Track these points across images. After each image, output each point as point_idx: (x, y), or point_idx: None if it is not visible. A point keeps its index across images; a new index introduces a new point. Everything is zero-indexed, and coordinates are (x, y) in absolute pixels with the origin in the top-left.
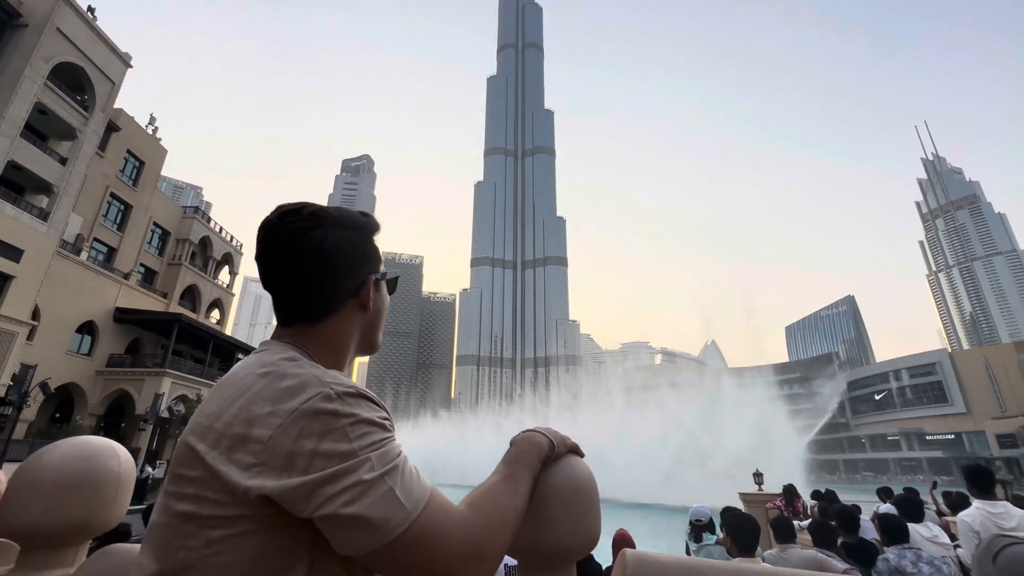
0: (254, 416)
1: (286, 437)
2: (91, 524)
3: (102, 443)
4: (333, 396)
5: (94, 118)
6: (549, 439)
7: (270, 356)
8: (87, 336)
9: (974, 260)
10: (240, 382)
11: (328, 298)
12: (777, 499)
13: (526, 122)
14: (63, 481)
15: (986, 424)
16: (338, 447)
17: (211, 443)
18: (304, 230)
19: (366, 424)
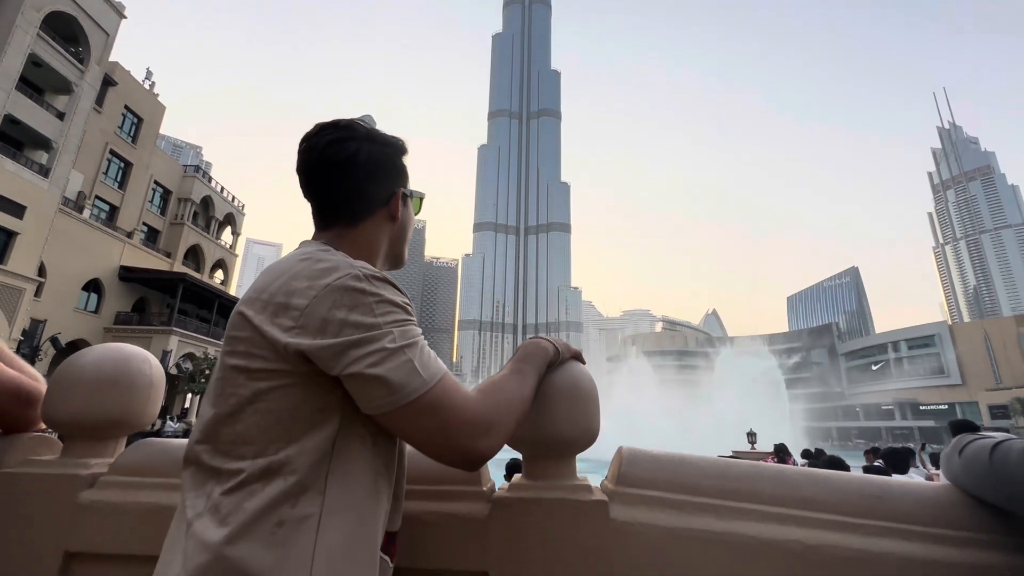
0: (294, 289)
1: (320, 306)
2: (127, 419)
3: (134, 349)
4: (361, 276)
5: (90, 71)
6: (555, 345)
7: (308, 248)
8: (94, 294)
9: (982, 233)
10: (283, 265)
11: (361, 204)
12: (769, 457)
13: (532, 83)
14: (102, 378)
15: (980, 395)
16: (364, 319)
17: (258, 309)
18: (340, 140)
19: (389, 304)
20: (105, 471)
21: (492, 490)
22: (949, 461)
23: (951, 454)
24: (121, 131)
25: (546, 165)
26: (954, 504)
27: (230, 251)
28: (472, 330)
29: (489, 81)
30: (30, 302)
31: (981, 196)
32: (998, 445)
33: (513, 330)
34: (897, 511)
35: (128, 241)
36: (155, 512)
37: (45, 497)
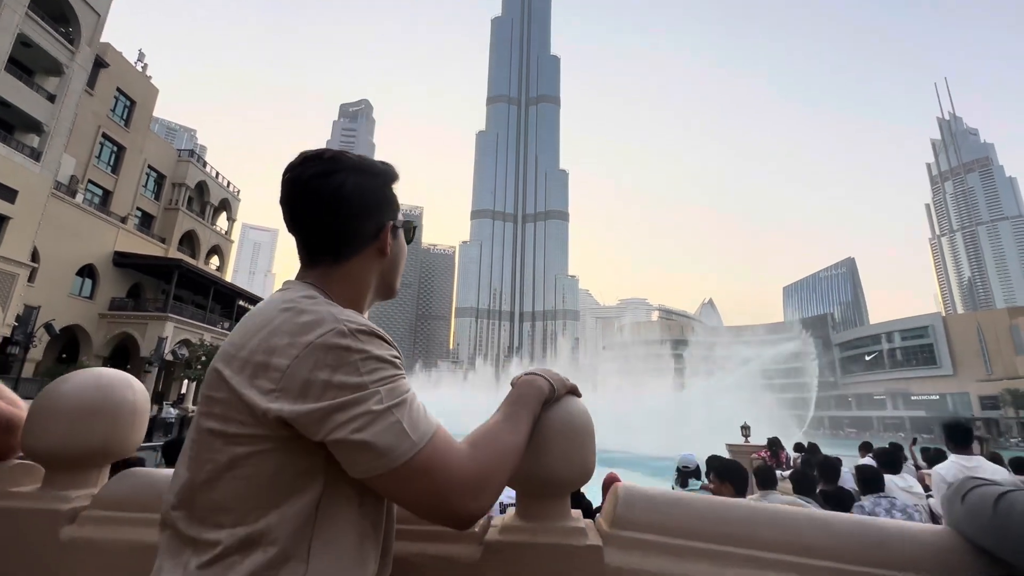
0: (274, 346)
1: (302, 367)
2: (110, 448)
3: (118, 375)
4: (346, 332)
5: (81, 52)
6: (549, 382)
7: (292, 294)
8: (88, 279)
9: (979, 225)
10: (264, 315)
11: (348, 240)
12: (762, 450)
13: (531, 68)
14: (83, 407)
15: (971, 386)
16: (349, 379)
17: (236, 369)
18: (325, 173)
19: (376, 360)
20: (87, 504)
21: (485, 530)
22: (951, 505)
23: (953, 498)
24: (113, 114)
25: (545, 152)
26: (955, 551)
27: (225, 237)
28: (469, 317)
29: (488, 66)
30: (23, 288)
31: (979, 188)
32: (1003, 496)
33: (510, 318)
34: (898, 558)
35: (122, 226)
36: (138, 550)
37: (24, 534)
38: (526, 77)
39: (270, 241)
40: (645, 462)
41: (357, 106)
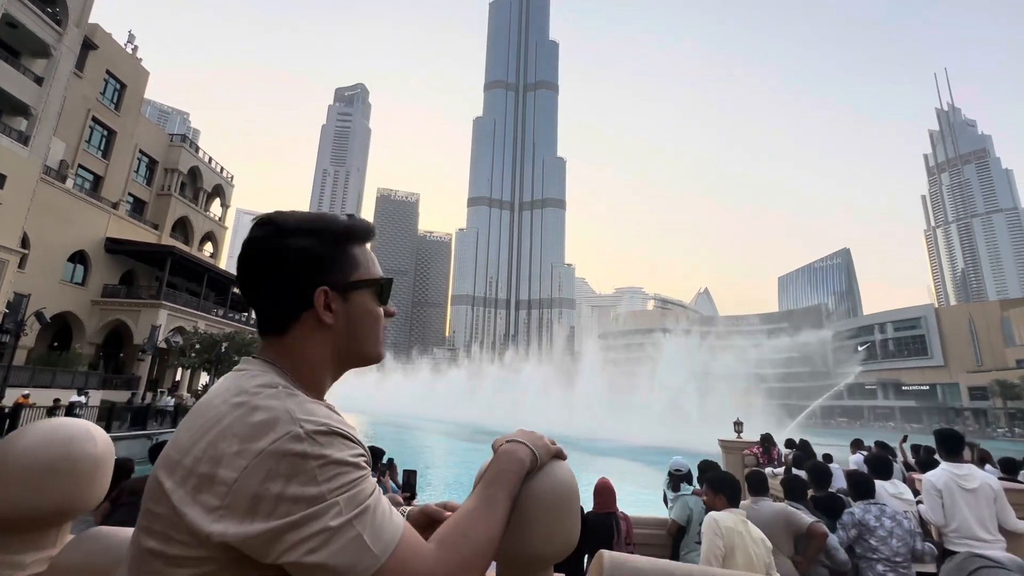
0: (221, 455)
1: (252, 479)
2: (70, 507)
3: (78, 427)
4: (303, 436)
5: (69, 34)
6: (532, 452)
7: (247, 381)
8: (79, 266)
9: (974, 217)
10: (213, 411)
11: (280, 309)
12: (754, 447)
13: (529, 54)
14: (40, 466)
15: (961, 377)
16: (305, 491)
17: (178, 480)
18: (257, 239)
19: (336, 465)
20: (44, 569)
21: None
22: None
23: (954, 574)
24: (103, 97)
25: (542, 139)
26: None
27: (219, 223)
28: (465, 305)
29: (485, 51)
30: (13, 274)
31: (975, 180)
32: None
33: (506, 306)
34: None
35: (114, 212)
36: None
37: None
38: (524, 62)
39: None
40: (638, 454)
41: (353, 90)
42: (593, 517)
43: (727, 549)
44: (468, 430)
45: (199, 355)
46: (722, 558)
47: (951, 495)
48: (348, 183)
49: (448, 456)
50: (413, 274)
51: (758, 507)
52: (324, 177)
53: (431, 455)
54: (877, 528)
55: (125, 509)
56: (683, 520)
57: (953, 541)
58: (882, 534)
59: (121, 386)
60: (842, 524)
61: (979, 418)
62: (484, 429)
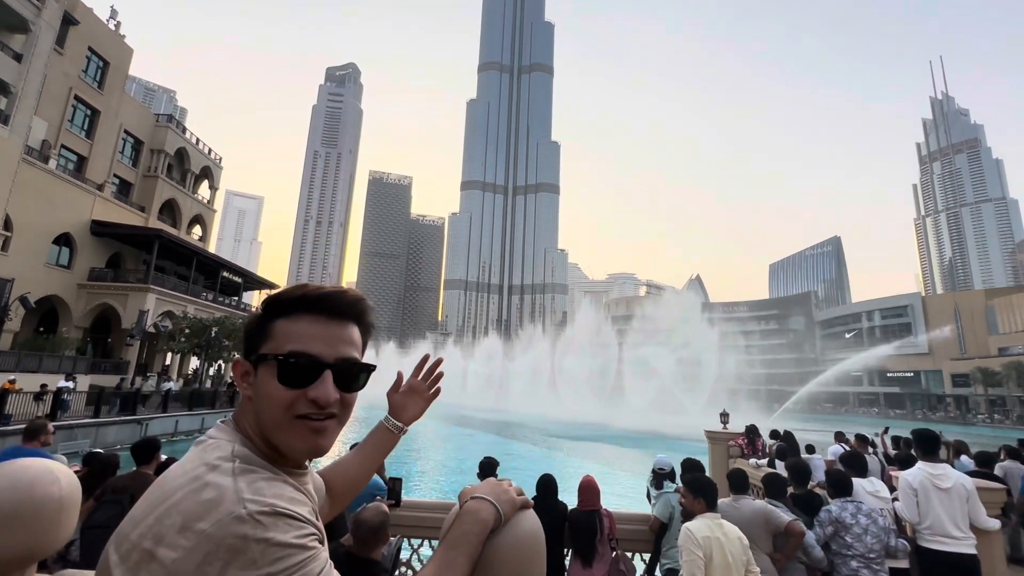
0: (164, 532)
1: (189, 562)
2: (34, 551)
3: (40, 469)
4: (244, 517)
5: (48, 8)
6: (496, 510)
7: (209, 453)
8: (65, 248)
9: (963, 206)
10: (170, 484)
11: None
12: (739, 438)
13: (524, 35)
14: (1, 513)
15: (944, 364)
16: (244, 575)
17: (123, 554)
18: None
19: (280, 548)
20: None
21: None
22: None
23: None
24: (86, 75)
25: (536, 123)
26: None
27: (208, 206)
28: (458, 290)
29: (480, 31)
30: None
31: (966, 169)
32: None
33: (499, 291)
34: None
35: (99, 194)
36: None
37: None
38: (519, 44)
39: (255, 209)
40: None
41: (344, 70)
42: (577, 514)
43: (706, 557)
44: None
45: (189, 340)
46: (703, 566)
47: (926, 494)
48: (340, 165)
49: (441, 441)
50: (405, 258)
51: (739, 505)
52: (315, 159)
53: (422, 438)
54: (853, 525)
55: (108, 507)
56: (665, 517)
57: (926, 538)
58: (857, 531)
59: (110, 371)
60: (819, 521)
61: (960, 405)
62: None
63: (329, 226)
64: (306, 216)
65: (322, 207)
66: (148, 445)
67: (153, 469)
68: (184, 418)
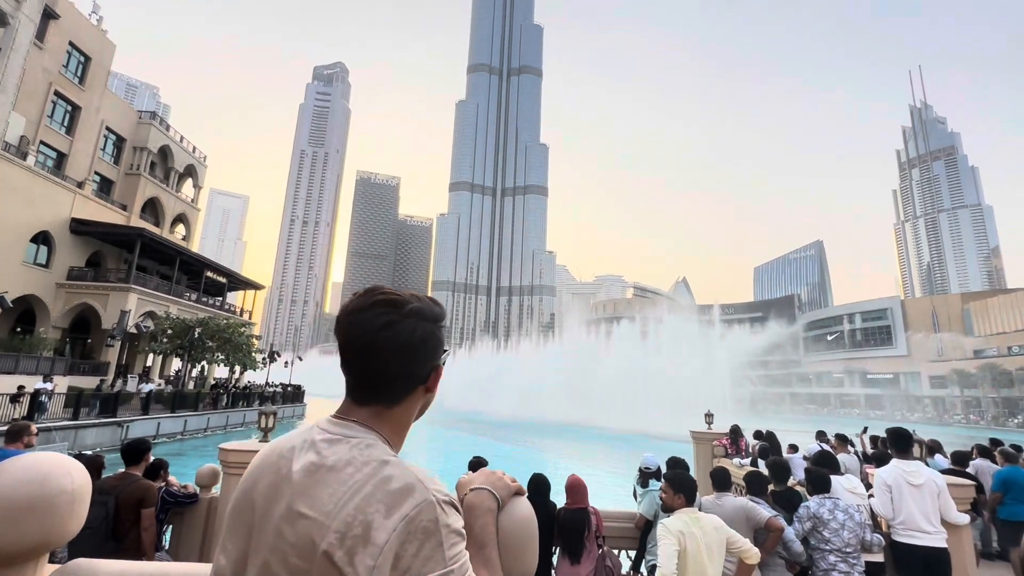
0: (371, 519)
1: (396, 542)
2: (46, 542)
3: (54, 462)
4: (437, 504)
5: (27, 2)
6: (495, 498)
7: (361, 451)
8: (43, 247)
9: (940, 212)
10: (349, 478)
11: (404, 385)
12: (723, 438)
13: (513, 37)
14: (16, 503)
15: (922, 366)
16: (436, 554)
17: (335, 542)
18: (395, 322)
19: (456, 535)
20: None
21: None
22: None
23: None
24: (67, 70)
25: (525, 125)
26: None
27: (191, 205)
28: (446, 291)
29: (469, 33)
30: None
31: (943, 176)
32: None
33: (488, 292)
34: None
35: (79, 192)
36: None
37: None
38: (508, 46)
39: (240, 208)
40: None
41: (332, 69)
42: (566, 513)
43: (681, 546)
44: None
45: (171, 340)
46: (677, 554)
47: (899, 490)
48: (327, 165)
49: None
50: (393, 259)
51: (721, 502)
52: (302, 158)
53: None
54: (830, 521)
55: (94, 508)
56: (650, 515)
57: (899, 532)
58: (835, 526)
59: (89, 372)
60: (798, 517)
61: (938, 405)
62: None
63: (315, 226)
64: (292, 215)
65: (308, 207)
66: (138, 446)
67: (142, 471)
68: (166, 420)
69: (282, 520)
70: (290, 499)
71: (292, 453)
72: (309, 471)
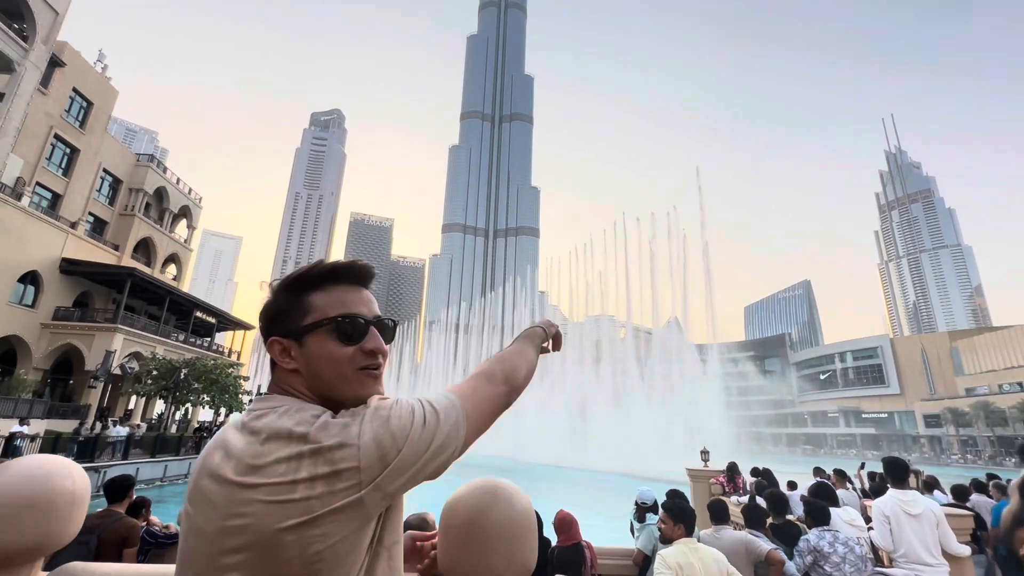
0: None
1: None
2: (45, 543)
3: (56, 463)
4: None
5: (35, 51)
6: (544, 330)
7: (303, 411)
8: (30, 287)
9: (922, 252)
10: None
11: (273, 356)
12: (721, 475)
13: (505, 86)
14: (18, 502)
15: (916, 405)
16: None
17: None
18: (268, 299)
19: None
20: None
21: None
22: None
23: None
24: (68, 115)
25: (517, 169)
26: None
27: (184, 245)
28: (439, 331)
29: (463, 82)
30: None
31: (922, 217)
32: None
33: (480, 332)
34: None
35: (72, 232)
36: None
37: None
38: (500, 95)
39: (233, 249)
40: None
41: (329, 115)
42: (560, 551)
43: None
44: None
45: (156, 381)
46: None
47: (898, 521)
48: (321, 206)
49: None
50: (385, 299)
51: (720, 535)
52: (296, 200)
53: None
54: (831, 554)
55: (75, 547)
56: (648, 550)
57: (901, 565)
58: (836, 560)
59: (69, 415)
60: (798, 551)
61: (934, 445)
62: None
63: None
64: (285, 256)
65: (301, 247)
66: (122, 483)
67: (125, 508)
68: (146, 466)
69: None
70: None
71: (210, 454)
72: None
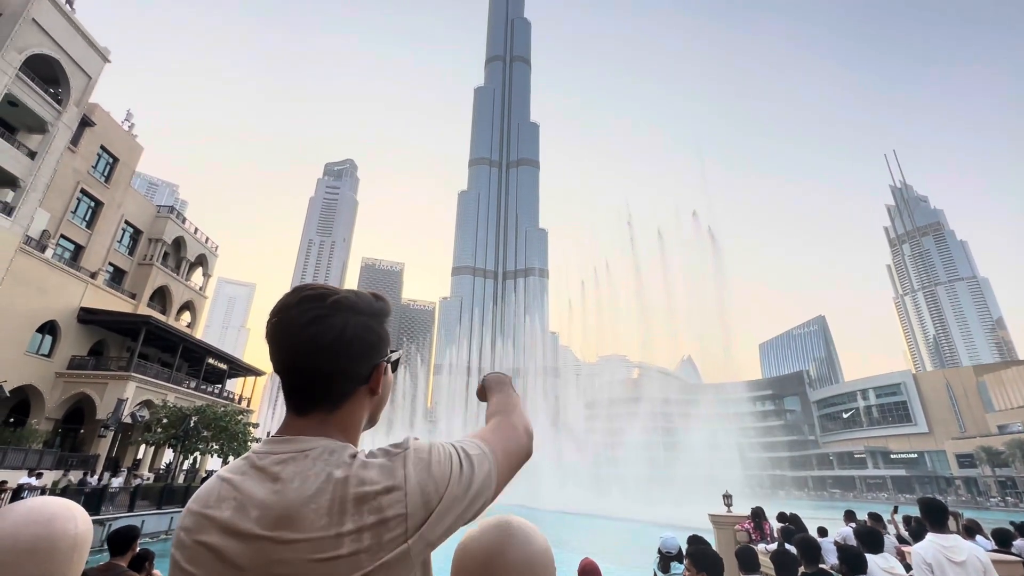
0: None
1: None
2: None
3: (59, 506)
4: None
5: (67, 112)
6: (508, 376)
7: (343, 452)
8: (48, 336)
9: (937, 285)
10: (320, 477)
11: (344, 386)
12: (746, 522)
13: (511, 134)
14: (18, 547)
15: (947, 444)
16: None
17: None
18: (324, 317)
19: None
20: None
21: None
22: None
23: None
24: (95, 171)
25: (525, 212)
26: None
27: (199, 293)
28: (448, 374)
29: (471, 131)
30: None
31: (934, 250)
32: None
33: None
34: None
35: (91, 281)
36: None
37: None
38: (507, 142)
39: (246, 296)
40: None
41: (342, 165)
42: None
43: None
44: None
45: (165, 430)
46: None
47: (941, 569)
48: (333, 253)
49: None
50: (396, 343)
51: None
52: (309, 247)
53: None
54: None
55: None
56: None
57: None
58: None
59: (78, 466)
60: None
61: (971, 487)
62: None
63: None
64: None
65: None
66: (127, 534)
67: (128, 561)
68: (151, 517)
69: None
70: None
71: (222, 505)
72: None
